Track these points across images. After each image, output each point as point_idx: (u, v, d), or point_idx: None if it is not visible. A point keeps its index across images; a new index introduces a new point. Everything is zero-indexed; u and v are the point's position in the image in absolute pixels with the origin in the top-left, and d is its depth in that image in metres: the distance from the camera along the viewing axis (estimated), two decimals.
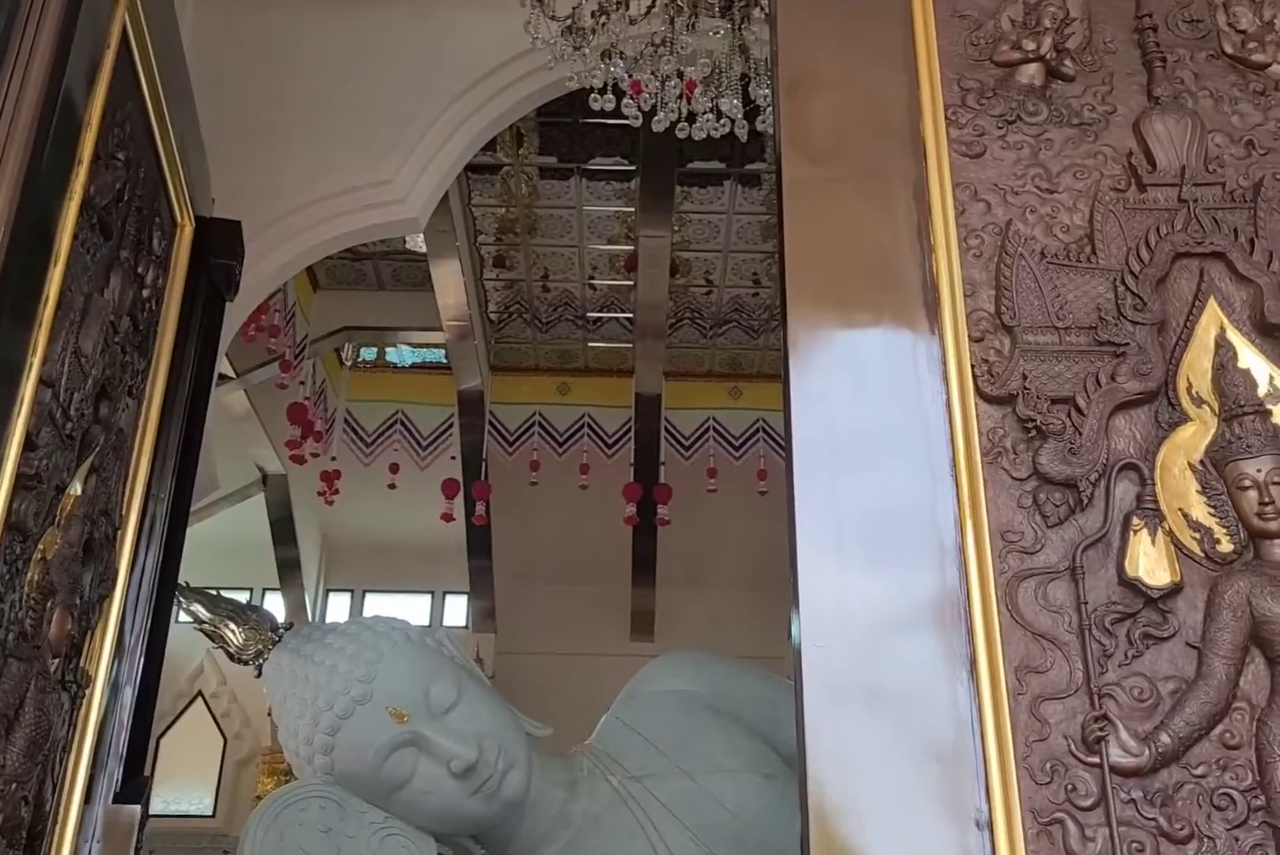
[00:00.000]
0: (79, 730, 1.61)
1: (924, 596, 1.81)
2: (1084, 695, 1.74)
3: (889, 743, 1.72)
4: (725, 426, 11.52)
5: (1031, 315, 1.96)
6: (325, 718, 6.97)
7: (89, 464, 2.13)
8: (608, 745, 7.83)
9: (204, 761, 12.55)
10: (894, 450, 1.91)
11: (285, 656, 7.44)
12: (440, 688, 7.12)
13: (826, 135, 2.16)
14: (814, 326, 2.00)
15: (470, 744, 6.89)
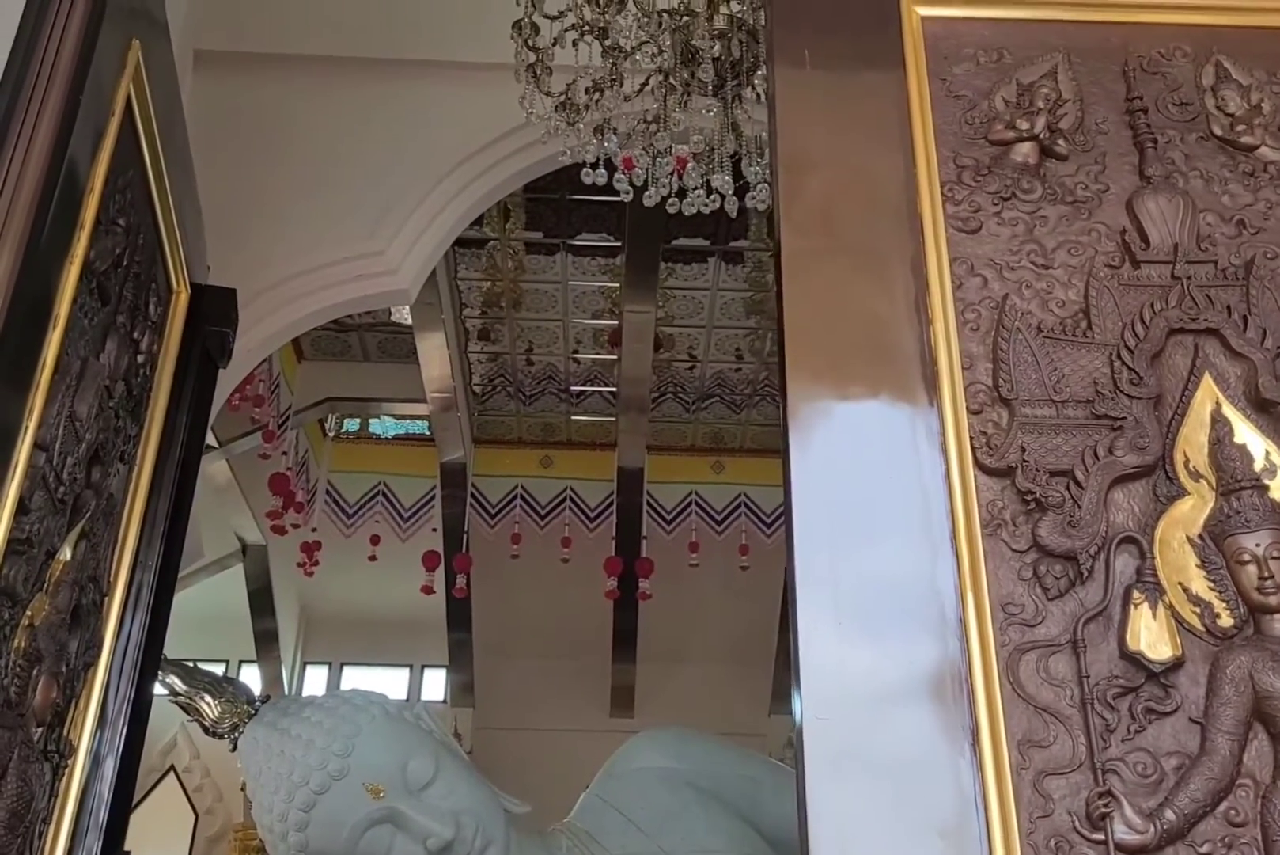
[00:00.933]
0: (60, 801, 1.57)
1: (925, 668, 1.79)
2: (1087, 770, 1.72)
3: (892, 816, 1.70)
4: (708, 500, 11.52)
5: (1029, 388, 1.96)
6: (300, 793, 6.84)
7: (79, 529, 2.10)
8: (587, 823, 7.71)
9: (174, 837, 12.27)
10: (893, 522, 1.90)
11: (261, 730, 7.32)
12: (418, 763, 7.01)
13: (824, 211, 2.19)
14: (813, 399, 2.00)
15: (448, 821, 6.76)
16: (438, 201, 4.62)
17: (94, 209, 2.26)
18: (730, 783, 7.75)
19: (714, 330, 11.15)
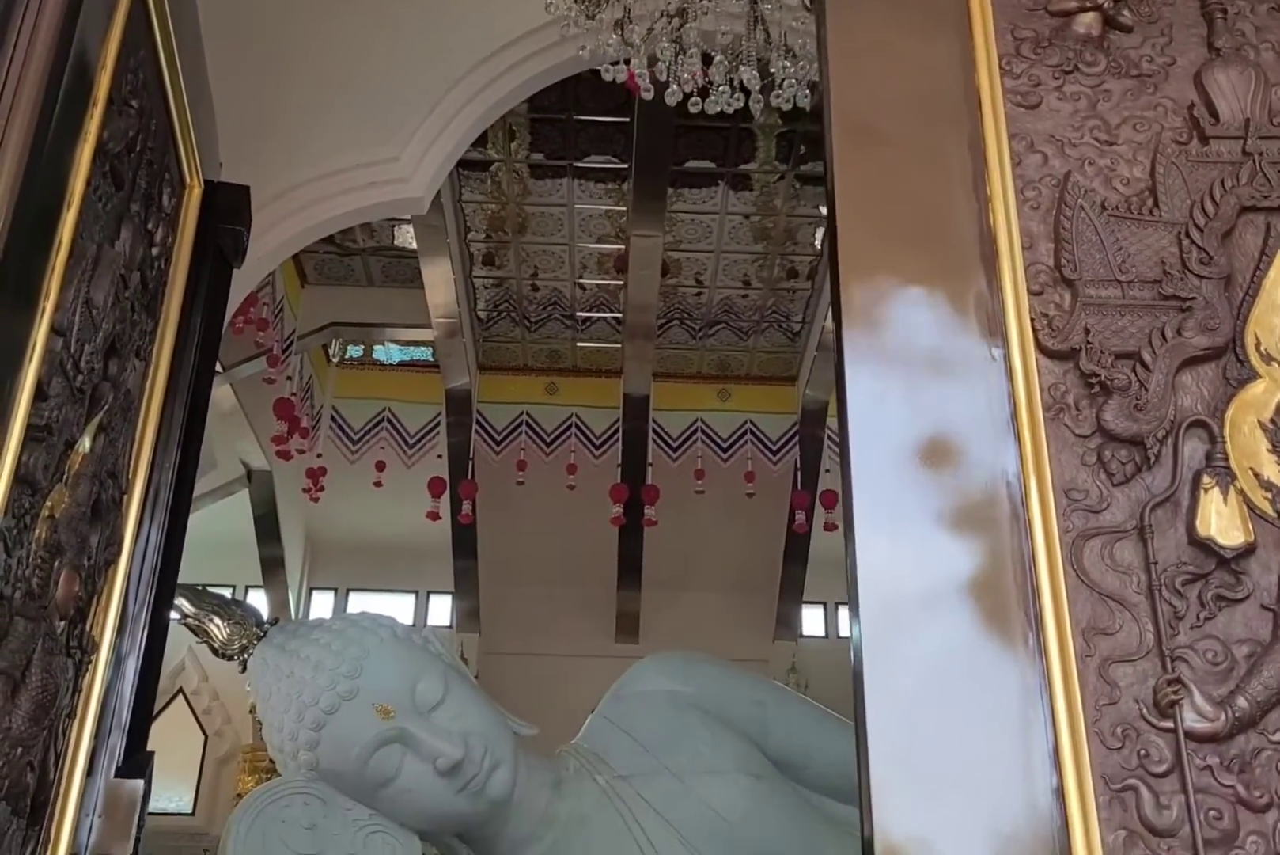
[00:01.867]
0: (83, 698, 1.51)
1: (988, 556, 1.72)
2: (1155, 658, 1.66)
3: (955, 706, 1.63)
4: (713, 428, 11.44)
5: (1093, 268, 1.87)
6: (310, 713, 6.84)
7: (98, 421, 2.02)
8: (594, 745, 7.73)
9: (184, 759, 12.35)
10: (952, 408, 1.81)
11: (270, 652, 7.30)
12: (427, 685, 7.00)
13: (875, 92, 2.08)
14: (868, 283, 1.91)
15: (456, 742, 6.77)
16: (451, 107, 4.48)
17: (106, 85, 2.15)
18: (736, 705, 7.76)
19: (721, 255, 11.00)
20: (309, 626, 7.43)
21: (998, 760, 1.60)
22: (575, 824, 7.16)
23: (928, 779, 1.63)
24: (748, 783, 7.26)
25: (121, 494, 2.15)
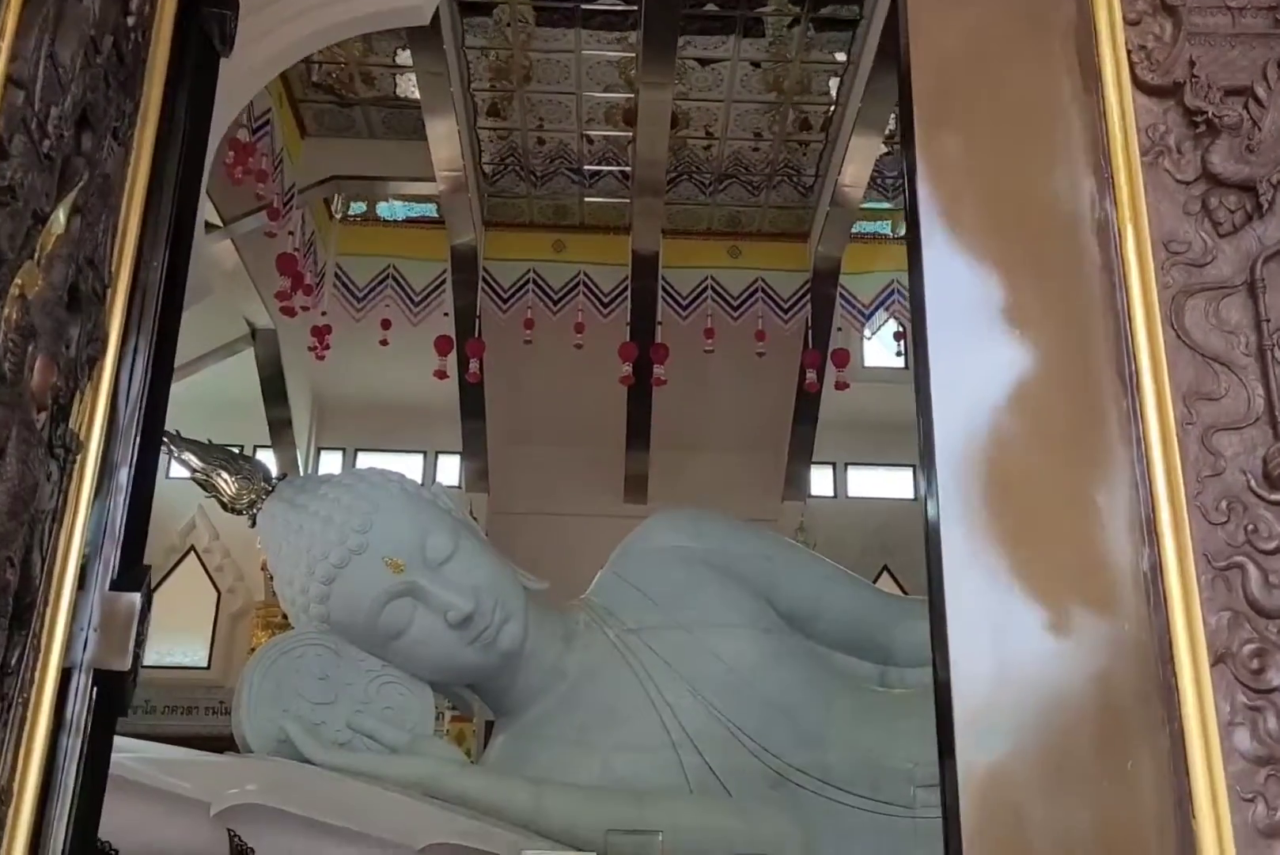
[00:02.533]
0: (70, 503, 1.42)
1: (1077, 316, 1.54)
2: (1265, 425, 1.48)
3: (1041, 483, 1.48)
4: (724, 286, 11.23)
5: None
6: (321, 567, 6.85)
7: (72, 200, 1.84)
8: (604, 599, 7.76)
9: (198, 615, 12.49)
10: (1035, 149, 1.61)
11: (279, 506, 7.29)
12: (436, 539, 6.99)
13: None
14: None
15: (467, 595, 6.80)
16: None
17: None
18: (745, 561, 7.78)
19: (733, 106, 10.63)
20: (318, 481, 7.40)
21: (1087, 538, 1.46)
22: (586, 676, 7.24)
23: (1009, 563, 1.50)
24: (757, 636, 7.32)
25: (105, 287, 1.97)
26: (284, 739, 6.51)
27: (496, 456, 12.94)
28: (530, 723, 7.41)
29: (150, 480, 1.55)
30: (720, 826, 6.26)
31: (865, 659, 7.96)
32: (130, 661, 1.45)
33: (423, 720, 6.97)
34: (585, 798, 6.44)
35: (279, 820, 5.58)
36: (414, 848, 5.54)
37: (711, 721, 7.18)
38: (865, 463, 13.81)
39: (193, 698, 11.88)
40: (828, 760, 7.23)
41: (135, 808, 5.60)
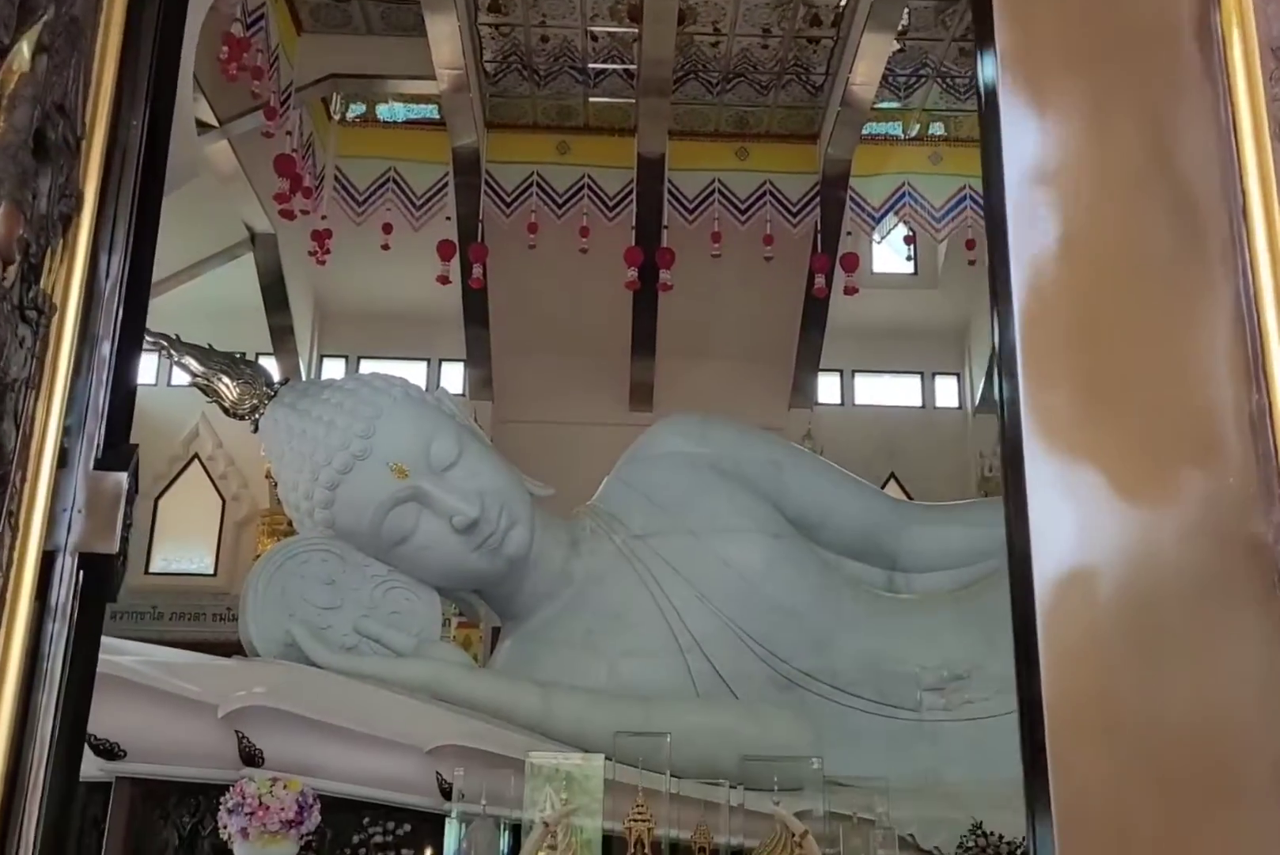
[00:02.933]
0: (47, 374, 1.33)
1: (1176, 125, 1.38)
2: None
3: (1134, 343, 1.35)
4: (731, 189, 11.00)
5: None
6: (324, 473, 6.79)
7: (37, 38, 1.68)
8: (611, 505, 7.72)
9: (203, 523, 12.51)
10: None
11: (281, 411, 7.20)
12: (441, 444, 6.93)
13: None
14: None
15: (472, 500, 6.75)
16: None
17: None
18: (753, 466, 7.72)
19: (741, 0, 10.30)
20: (320, 386, 7.31)
21: (1183, 381, 1.32)
22: (592, 581, 7.23)
23: (1093, 412, 1.37)
24: (766, 541, 7.29)
25: (77, 139, 1.82)
26: (290, 643, 6.52)
27: (500, 364, 12.81)
28: (537, 627, 7.43)
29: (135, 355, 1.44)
30: (729, 728, 6.28)
31: (872, 565, 7.94)
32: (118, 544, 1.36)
33: (429, 625, 6.98)
34: (593, 701, 6.46)
35: (287, 723, 5.60)
36: (422, 749, 5.56)
37: (719, 626, 7.19)
38: (873, 370, 13.70)
39: (199, 605, 11.95)
40: (835, 665, 7.25)
41: (143, 710, 5.62)
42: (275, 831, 4.54)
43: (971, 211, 10.54)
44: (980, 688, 6.94)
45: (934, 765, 6.79)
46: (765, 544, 7.40)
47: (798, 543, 7.55)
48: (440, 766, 5.39)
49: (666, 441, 8.04)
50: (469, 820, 4.87)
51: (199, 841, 5.39)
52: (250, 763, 5.36)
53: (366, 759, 5.43)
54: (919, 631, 7.25)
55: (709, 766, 5.98)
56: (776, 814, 4.74)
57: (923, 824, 5.60)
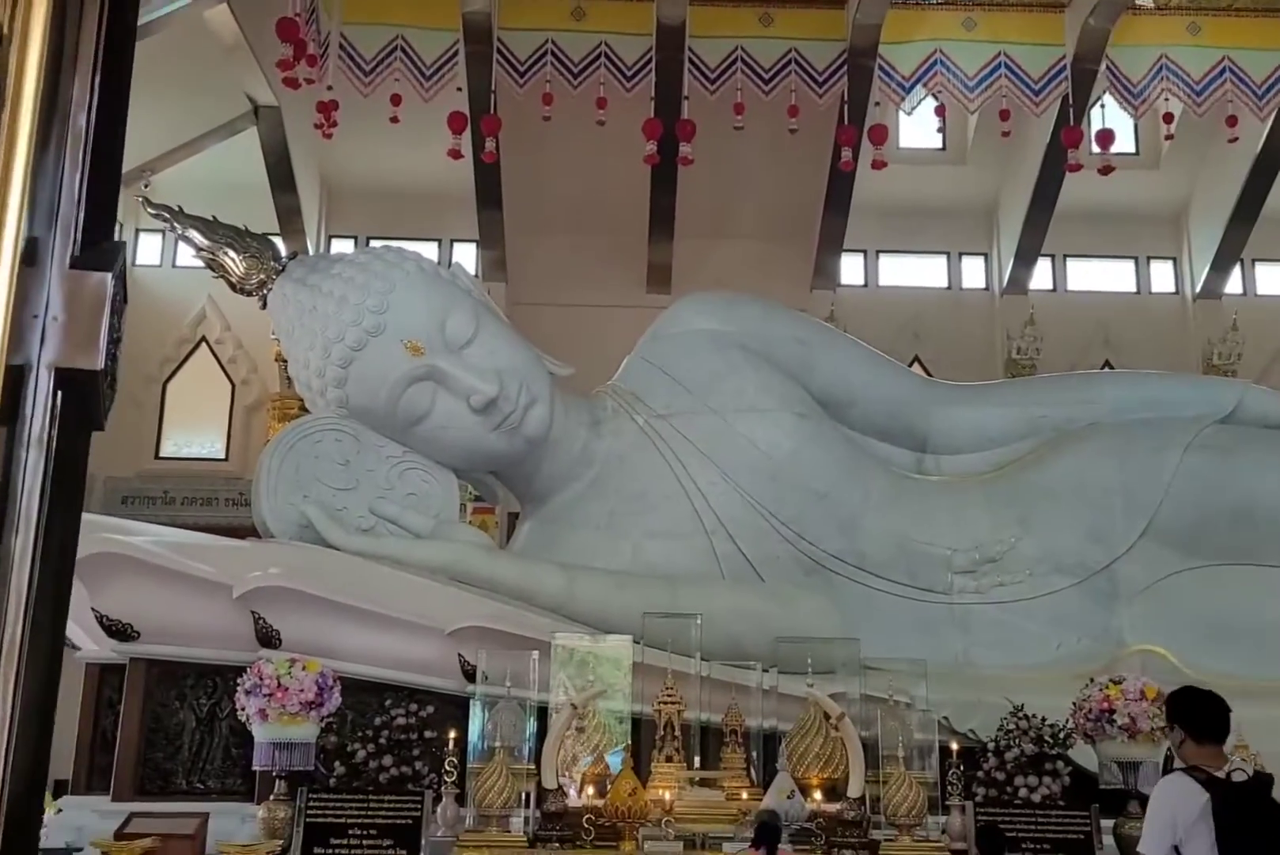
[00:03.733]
0: (3, 144, 1.09)
1: None
2: None
3: None
4: (754, 57, 10.50)
5: None
6: (337, 349, 6.57)
7: None
8: (632, 385, 7.51)
9: (212, 407, 12.35)
10: None
11: (290, 286, 6.97)
12: (457, 321, 6.70)
13: None
14: None
15: (490, 378, 6.54)
16: None
17: None
18: (780, 344, 7.48)
19: None
20: (330, 260, 7.04)
21: None
22: (614, 462, 7.06)
23: None
24: (792, 420, 7.09)
25: None
26: (305, 524, 6.38)
27: (514, 244, 12.50)
28: (558, 509, 7.28)
29: (118, 133, 1.20)
30: (756, 609, 6.15)
31: (901, 446, 7.74)
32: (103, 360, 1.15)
33: (447, 506, 6.84)
34: (617, 582, 6.33)
35: (304, 603, 5.49)
36: (443, 631, 5.46)
37: (745, 508, 7.03)
38: (897, 250, 13.36)
39: (212, 489, 11.85)
40: (863, 546, 7.11)
41: (156, 591, 5.50)
42: (295, 713, 4.44)
43: (1007, 80, 10.09)
44: (1012, 570, 6.84)
45: (964, 649, 6.71)
46: (792, 423, 7.19)
47: (825, 423, 7.34)
48: (462, 648, 5.30)
49: (690, 319, 7.80)
50: (493, 702, 4.77)
51: (216, 723, 5.34)
52: (267, 644, 5.27)
53: (387, 640, 5.34)
54: (949, 513, 7.11)
55: (736, 648, 5.87)
56: (811, 697, 4.63)
57: (956, 707, 5.50)
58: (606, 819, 4.31)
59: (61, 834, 5.52)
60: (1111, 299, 13.06)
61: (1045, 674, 6.38)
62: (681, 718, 4.77)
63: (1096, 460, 6.92)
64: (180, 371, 12.44)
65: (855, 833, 4.33)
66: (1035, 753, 4.78)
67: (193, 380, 12.44)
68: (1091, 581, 6.65)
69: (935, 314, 12.76)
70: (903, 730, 4.64)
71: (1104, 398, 7.33)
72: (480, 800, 4.36)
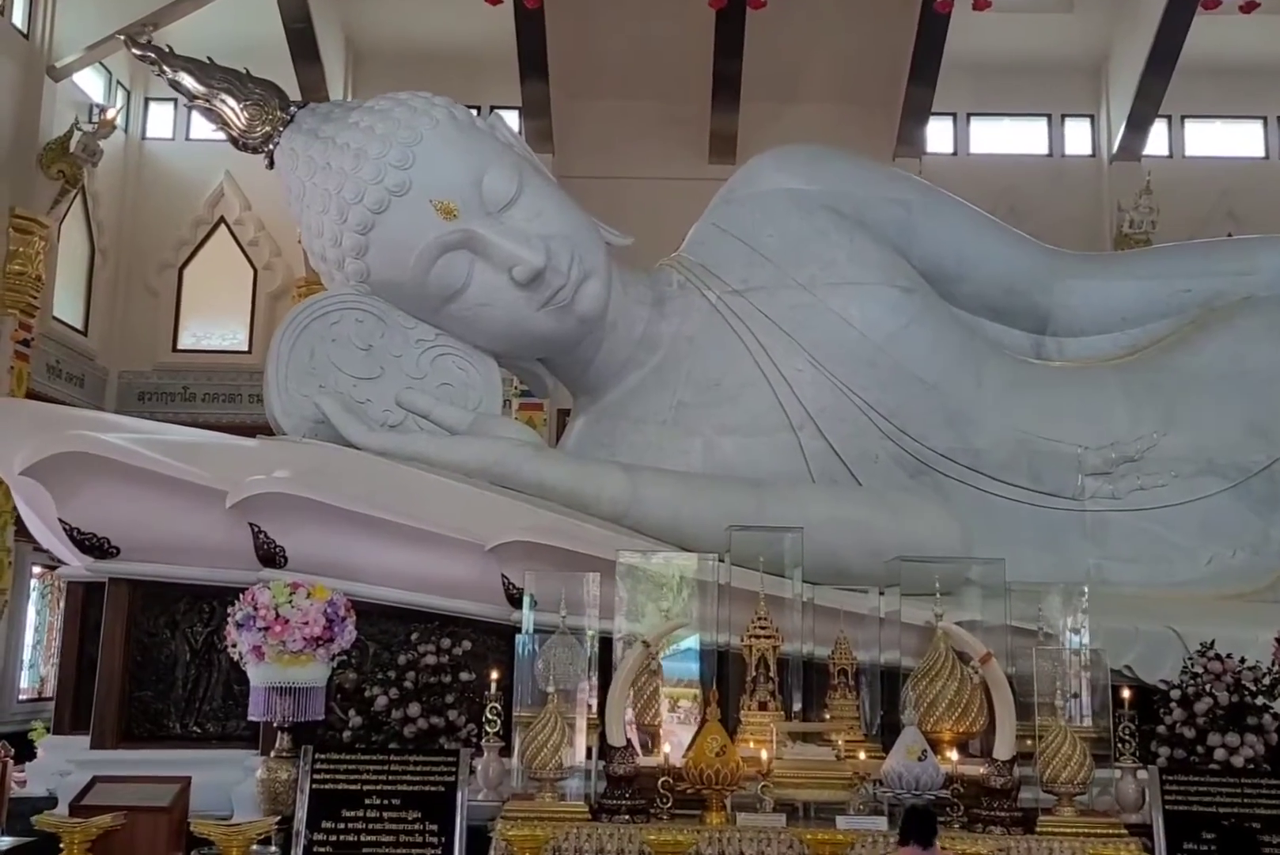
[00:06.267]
0: None
1: None
2: None
3: None
4: None
5: None
6: (355, 212, 5.53)
7: None
8: (702, 256, 6.42)
9: (233, 294, 11.67)
10: None
11: (300, 139, 5.94)
12: (496, 177, 5.62)
13: None
14: None
15: (536, 246, 5.46)
16: None
17: None
18: (875, 205, 6.39)
19: None
20: (346, 108, 6.03)
21: None
22: (681, 344, 6.09)
23: None
24: (895, 295, 6.06)
25: None
26: (321, 419, 5.57)
27: (561, 111, 11.57)
28: (616, 402, 6.35)
29: None
30: (860, 519, 5.24)
31: (1017, 327, 6.74)
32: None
33: (488, 398, 5.97)
34: (691, 486, 5.43)
35: (314, 514, 4.65)
36: (484, 547, 4.61)
37: (838, 398, 6.06)
38: (991, 113, 12.39)
39: (234, 384, 11.21)
40: (978, 444, 6.16)
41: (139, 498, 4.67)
42: (298, 650, 3.63)
43: None
44: (1154, 472, 5.92)
45: (1096, 564, 5.87)
46: (894, 299, 6.22)
47: (932, 298, 6.37)
48: (507, 568, 4.48)
49: (770, 177, 6.79)
50: (544, 635, 3.96)
51: (214, 655, 4.58)
52: (270, 563, 4.48)
53: (414, 558, 4.53)
54: (1079, 405, 6.15)
55: (836, 567, 5.02)
56: (945, 631, 3.75)
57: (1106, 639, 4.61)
58: (688, 784, 3.51)
59: (42, 781, 4.87)
60: (1237, 165, 11.98)
61: (1193, 593, 5.52)
62: (777, 654, 3.94)
63: (1255, 340, 5.98)
64: (197, 256, 11.71)
65: (1004, 804, 3.49)
66: (1234, 703, 3.86)
67: (211, 265, 11.74)
68: (1249, 485, 5.76)
69: (1034, 184, 11.78)
70: (1062, 674, 3.75)
71: (1260, 267, 6.34)
72: (530, 759, 3.57)
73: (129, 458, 4.47)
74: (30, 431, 4.63)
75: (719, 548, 4.43)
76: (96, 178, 10.95)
